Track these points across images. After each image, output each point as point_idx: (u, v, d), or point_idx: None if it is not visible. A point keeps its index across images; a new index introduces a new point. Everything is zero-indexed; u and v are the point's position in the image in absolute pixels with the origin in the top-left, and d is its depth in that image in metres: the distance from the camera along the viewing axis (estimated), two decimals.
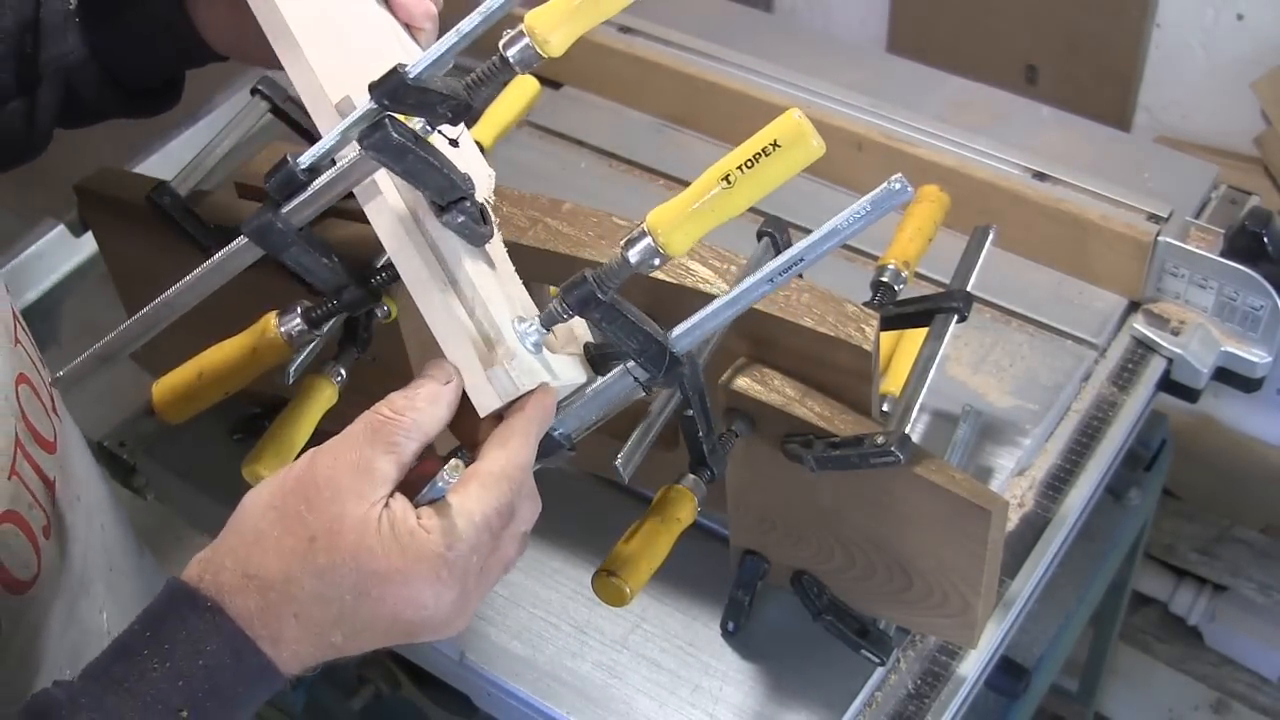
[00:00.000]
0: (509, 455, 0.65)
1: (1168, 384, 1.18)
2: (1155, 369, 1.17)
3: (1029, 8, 1.88)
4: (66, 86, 0.85)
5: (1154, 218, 1.21)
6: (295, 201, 0.70)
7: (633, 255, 0.66)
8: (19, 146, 0.88)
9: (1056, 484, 1.09)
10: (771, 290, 0.66)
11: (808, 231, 1.33)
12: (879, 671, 0.97)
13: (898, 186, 0.62)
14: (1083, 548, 1.20)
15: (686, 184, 1.41)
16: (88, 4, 0.84)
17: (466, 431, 0.69)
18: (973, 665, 0.98)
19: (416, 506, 0.63)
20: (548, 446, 0.71)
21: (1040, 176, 1.25)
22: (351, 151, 0.68)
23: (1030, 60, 1.93)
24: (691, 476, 0.84)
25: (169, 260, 0.97)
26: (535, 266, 0.88)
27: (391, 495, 0.62)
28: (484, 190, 0.81)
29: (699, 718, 0.96)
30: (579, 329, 0.76)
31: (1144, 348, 1.18)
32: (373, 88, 0.64)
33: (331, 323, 0.80)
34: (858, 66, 1.43)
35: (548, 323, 0.68)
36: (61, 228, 1.24)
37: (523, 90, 1.10)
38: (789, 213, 1.25)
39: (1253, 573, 1.78)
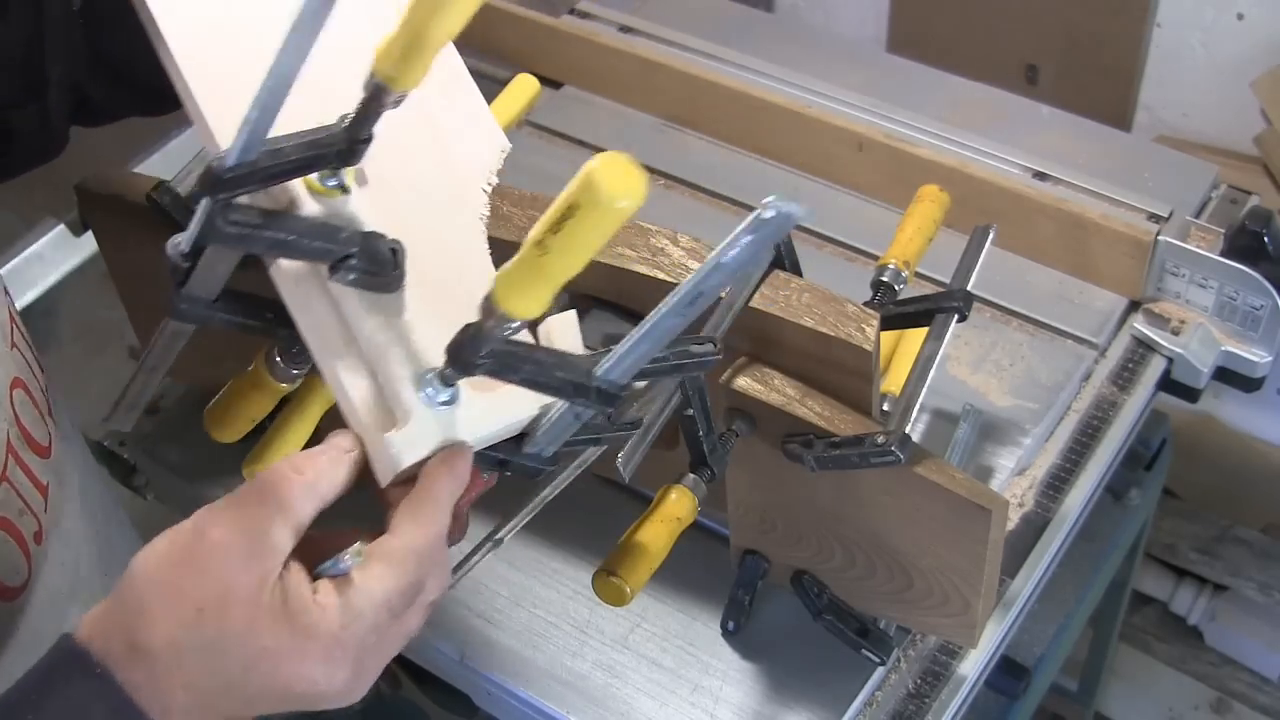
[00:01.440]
0: (418, 529, 0.62)
1: (1168, 384, 1.18)
2: (1155, 369, 1.17)
3: (1029, 8, 1.88)
4: (75, 89, 0.85)
5: (1154, 217, 1.21)
6: (190, 282, 0.66)
7: (489, 323, 0.61)
8: (35, 150, 0.87)
9: (1056, 484, 1.09)
10: (683, 324, 0.60)
11: (808, 231, 1.33)
12: (879, 671, 0.97)
13: (769, 214, 0.54)
14: (1083, 548, 1.20)
15: (686, 184, 1.41)
16: (91, 5, 0.84)
17: (383, 492, 0.66)
18: (973, 665, 0.98)
19: (315, 578, 0.61)
20: (527, 470, 0.69)
21: (1040, 176, 1.25)
22: None
23: (1030, 60, 1.93)
24: (691, 476, 0.84)
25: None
26: None
27: (285, 565, 0.60)
28: (491, 164, 0.78)
29: (699, 717, 0.96)
30: (561, 342, 0.72)
31: (1144, 347, 1.18)
32: (199, 181, 0.60)
33: None
34: (858, 66, 1.43)
35: (445, 381, 0.65)
36: (61, 228, 1.24)
37: (523, 90, 1.10)
38: None
39: (1253, 573, 1.78)
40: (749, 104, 1.33)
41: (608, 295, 0.84)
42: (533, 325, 0.71)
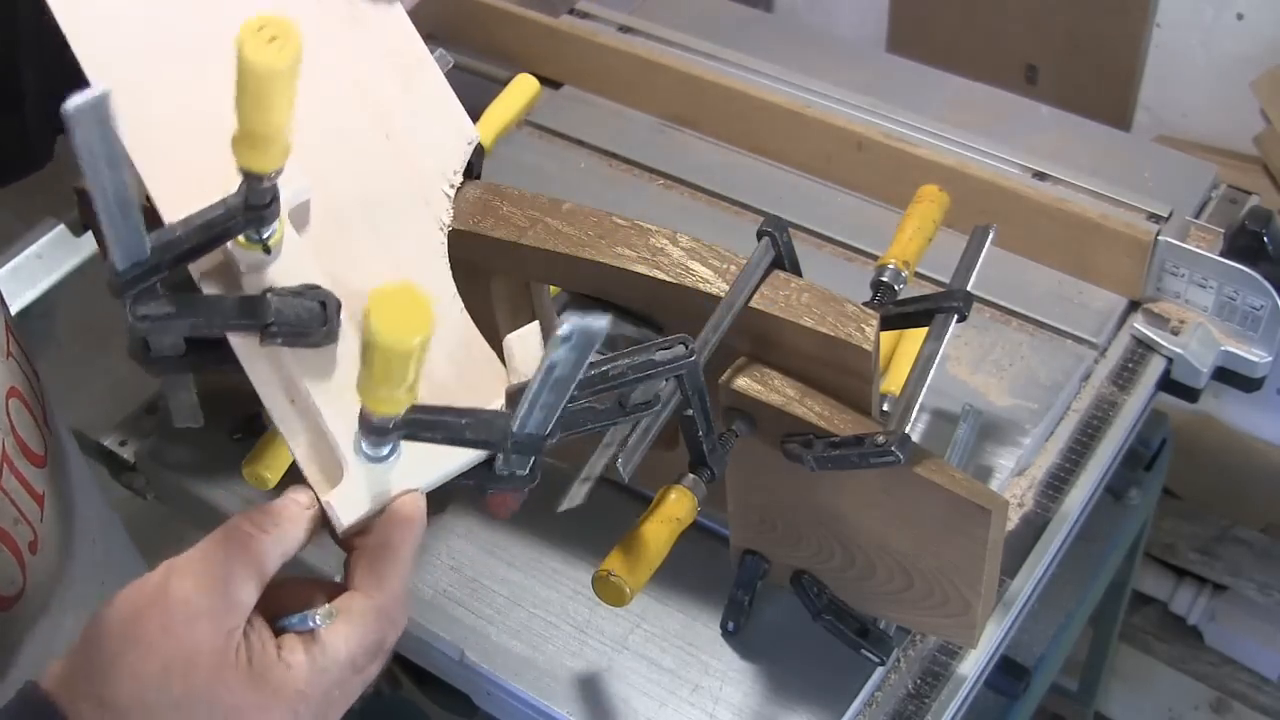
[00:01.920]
0: (380, 587, 0.63)
1: (1168, 383, 1.18)
2: (1155, 368, 1.17)
3: (1029, 8, 1.88)
4: (53, 101, 0.84)
5: (1154, 217, 1.21)
6: (154, 348, 0.65)
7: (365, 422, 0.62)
8: (16, 162, 0.87)
9: (1056, 484, 1.09)
10: (557, 405, 0.62)
11: (808, 231, 1.33)
12: (879, 671, 0.97)
13: (565, 338, 0.55)
14: (1083, 548, 1.20)
15: (687, 184, 1.41)
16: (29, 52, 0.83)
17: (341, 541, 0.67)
18: (973, 665, 0.98)
19: (277, 632, 0.61)
20: (509, 487, 0.69)
21: (1040, 176, 1.25)
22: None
23: (1030, 60, 1.93)
24: (691, 476, 0.83)
25: None
26: (535, 266, 0.88)
27: (250, 621, 0.60)
28: (454, 160, 0.76)
29: (699, 718, 0.96)
30: (523, 366, 0.72)
31: (1144, 347, 1.18)
32: (108, 285, 0.60)
33: None
34: (858, 66, 1.43)
35: (369, 439, 0.64)
36: (61, 228, 1.24)
37: (523, 90, 1.10)
38: (789, 212, 1.25)
39: (1253, 573, 1.78)
40: (749, 104, 1.33)
41: (608, 295, 0.84)
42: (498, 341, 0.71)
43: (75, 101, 0.50)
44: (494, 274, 0.93)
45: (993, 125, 1.34)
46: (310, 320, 0.64)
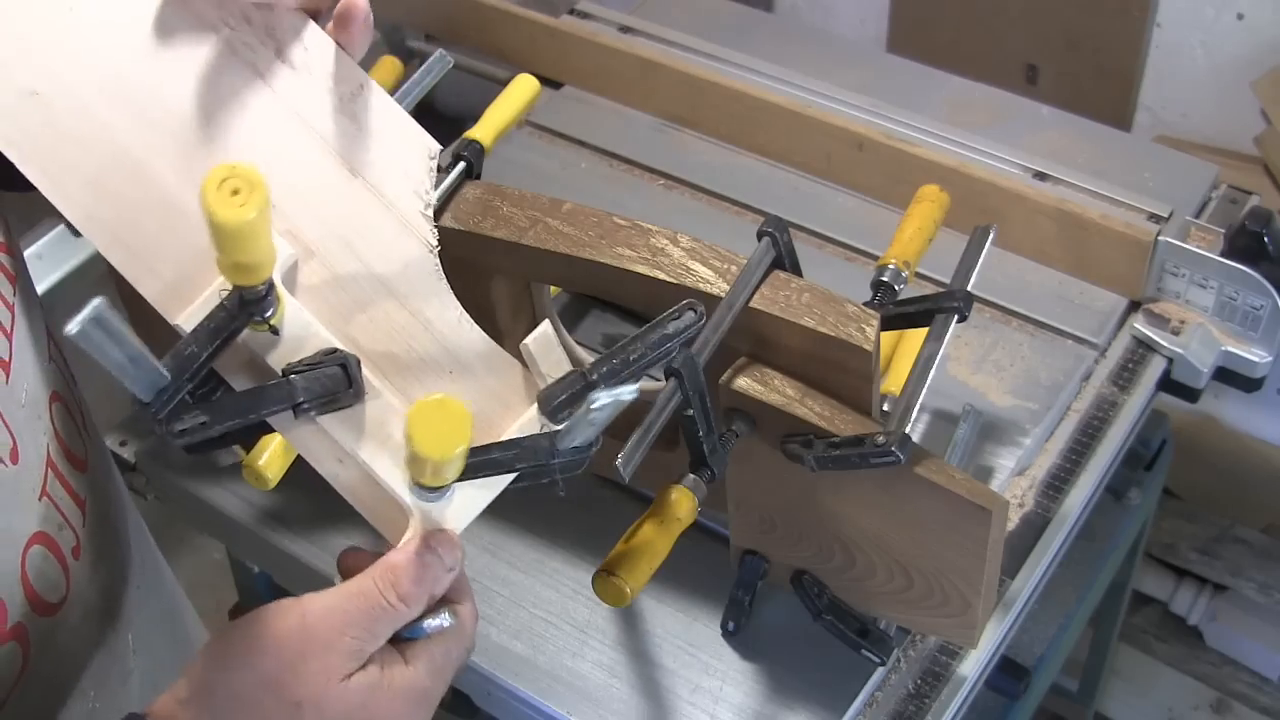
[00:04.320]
0: (467, 600, 0.69)
1: (1168, 384, 1.18)
2: (1155, 369, 1.17)
3: (1029, 8, 1.89)
4: None
5: (1154, 217, 1.21)
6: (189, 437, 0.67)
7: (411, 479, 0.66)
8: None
9: (1056, 484, 1.09)
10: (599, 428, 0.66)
11: (808, 231, 1.33)
12: (879, 671, 0.97)
13: (599, 405, 0.61)
14: (1083, 548, 1.20)
15: (686, 184, 1.41)
16: None
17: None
18: (973, 665, 0.98)
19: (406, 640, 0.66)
20: (559, 479, 0.71)
21: (1040, 176, 1.25)
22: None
23: (1030, 60, 1.93)
24: (691, 476, 0.83)
25: None
26: (535, 266, 0.88)
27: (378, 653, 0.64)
28: (422, 179, 0.75)
29: (699, 718, 0.96)
30: (545, 363, 0.73)
31: (1144, 347, 1.18)
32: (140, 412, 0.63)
33: None
34: (858, 66, 1.43)
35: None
36: (61, 228, 1.24)
37: (523, 90, 1.10)
38: (789, 212, 1.25)
39: (1253, 573, 1.78)
40: (749, 104, 1.33)
41: (608, 296, 0.84)
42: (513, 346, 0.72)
43: (76, 322, 0.55)
44: (494, 274, 0.93)
45: (993, 125, 1.34)
46: (335, 386, 0.66)
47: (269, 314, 0.65)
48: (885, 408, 0.90)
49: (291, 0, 0.70)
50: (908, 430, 0.81)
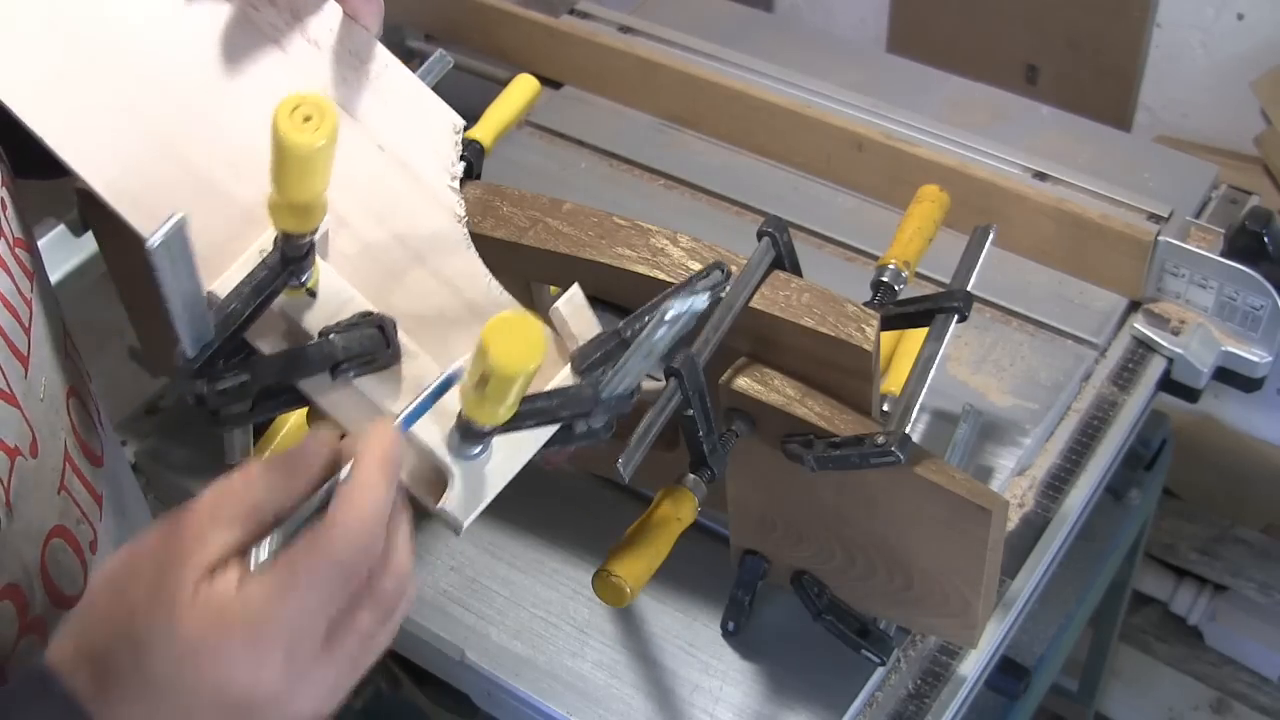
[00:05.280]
0: (350, 513, 0.58)
1: (1168, 384, 1.18)
2: (1155, 369, 1.17)
3: (1029, 8, 1.89)
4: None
5: (1154, 217, 1.21)
6: (222, 413, 0.67)
7: (469, 426, 0.65)
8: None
9: (1056, 484, 1.09)
10: (644, 369, 0.66)
11: (808, 231, 1.33)
12: (879, 671, 0.97)
13: (673, 312, 0.61)
14: (1083, 548, 1.20)
15: (686, 184, 1.41)
16: None
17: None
18: (973, 665, 0.98)
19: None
20: (591, 442, 0.71)
21: (1040, 176, 1.25)
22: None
23: (1030, 60, 1.93)
24: (691, 476, 0.83)
25: None
26: (535, 266, 0.88)
27: (221, 565, 0.57)
28: (449, 151, 0.77)
29: (699, 718, 0.96)
30: (576, 324, 0.74)
31: (1144, 347, 1.18)
32: (177, 373, 0.63)
33: None
34: (858, 66, 1.43)
35: (468, 443, 0.67)
36: (61, 228, 1.24)
37: (523, 90, 1.10)
38: (789, 212, 1.25)
39: (1253, 573, 1.78)
40: (749, 104, 1.33)
41: (608, 295, 0.84)
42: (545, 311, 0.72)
43: (159, 234, 0.54)
44: (494, 274, 0.93)
45: (993, 125, 1.34)
46: (374, 346, 0.66)
47: (305, 278, 0.66)
48: (885, 408, 0.90)
49: None
50: (908, 430, 0.81)
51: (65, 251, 1.25)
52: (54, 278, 1.23)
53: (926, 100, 1.37)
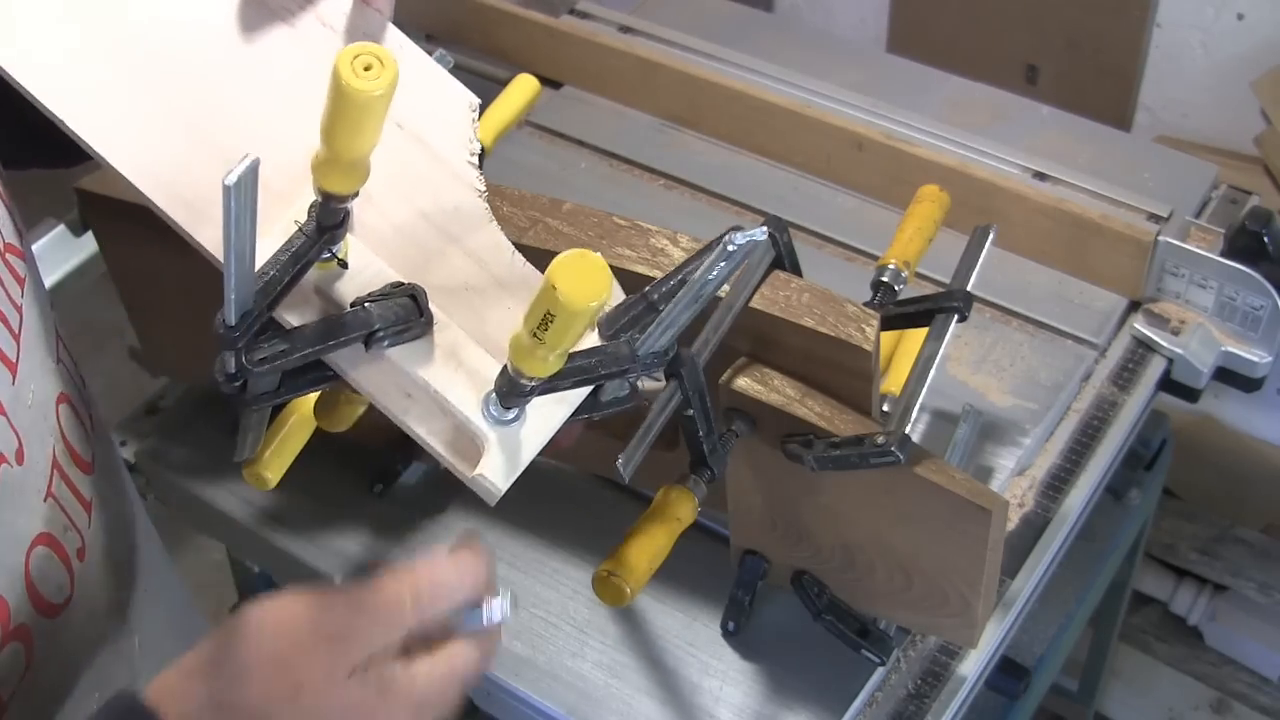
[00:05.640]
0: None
1: (1168, 384, 1.18)
2: (1155, 369, 1.17)
3: (1029, 8, 1.89)
4: None
5: (1154, 217, 1.21)
6: (249, 391, 0.68)
7: (517, 380, 0.65)
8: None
9: (1056, 484, 1.09)
10: (686, 320, 0.66)
11: (808, 231, 1.33)
12: (879, 671, 0.97)
13: (734, 247, 0.62)
14: (1083, 548, 1.20)
15: (686, 184, 1.41)
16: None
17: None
18: (973, 665, 0.98)
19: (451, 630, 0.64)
20: (615, 410, 0.72)
21: (1040, 176, 1.25)
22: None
23: (1030, 60, 1.93)
24: (691, 476, 0.83)
25: (169, 260, 0.97)
26: (535, 267, 0.88)
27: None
28: (466, 129, 0.77)
29: (699, 718, 0.96)
30: None
31: (1144, 347, 1.18)
32: (215, 339, 0.63)
33: None
34: (858, 66, 1.43)
35: (507, 404, 0.67)
36: (61, 228, 1.24)
37: (523, 90, 1.10)
38: (789, 212, 1.25)
39: (1253, 573, 1.78)
40: (749, 104, 1.33)
41: None
42: None
43: (234, 173, 0.54)
44: None
45: (993, 125, 1.34)
46: (407, 315, 0.67)
47: (337, 249, 0.66)
48: (885, 408, 0.90)
49: None
50: (908, 430, 0.81)
51: (65, 251, 1.25)
52: (54, 278, 1.24)
53: (926, 100, 1.37)
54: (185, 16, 0.71)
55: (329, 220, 0.64)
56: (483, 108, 1.05)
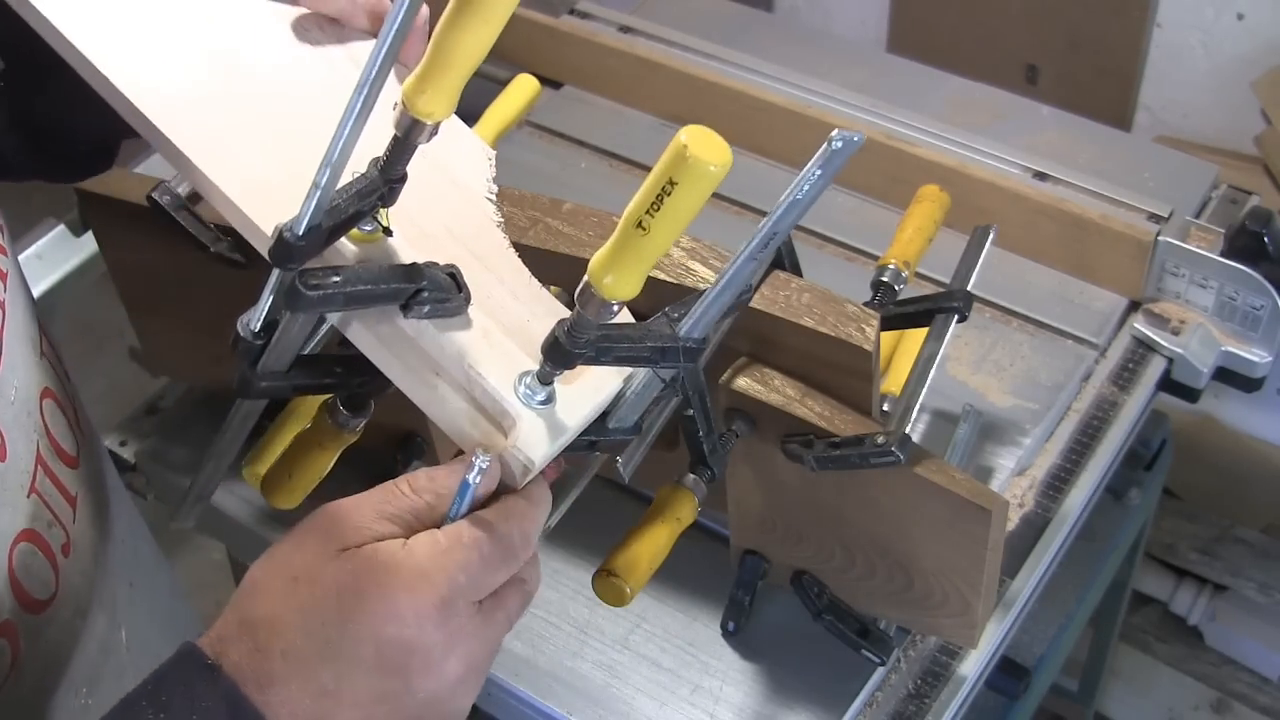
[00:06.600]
0: (521, 502, 0.65)
1: (1168, 384, 1.18)
2: (1155, 369, 1.17)
3: (1029, 8, 1.89)
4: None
5: (1154, 217, 1.21)
6: (264, 361, 0.68)
7: (590, 311, 0.64)
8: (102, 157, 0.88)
9: (1056, 484, 1.09)
10: (758, 269, 0.65)
11: (808, 231, 1.33)
12: (879, 671, 0.97)
13: (838, 144, 0.64)
14: (1083, 548, 1.20)
15: None
16: (16, 70, 0.81)
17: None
18: (973, 665, 0.98)
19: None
20: (614, 443, 0.72)
21: (1040, 176, 1.25)
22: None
23: (1030, 60, 1.93)
24: (691, 476, 0.83)
25: (169, 260, 0.97)
26: (535, 267, 0.87)
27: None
28: (486, 172, 0.79)
29: (699, 718, 0.96)
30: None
31: (1144, 347, 1.18)
32: (270, 255, 0.62)
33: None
34: (858, 66, 1.43)
35: (544, 379, 0.67)
36: (61, 228, 1.24)
37: (523, 90, 1.10)
38: None
39: (1253, 573, 1.78)
40: (749, 104, 1.33)
41: None
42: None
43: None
44: None
45: (993, 125, 1.34)
46: (450, 288, 0.67)
47: (387, 207, 0.67)
48: (885, 408, 0.90)
49: (362, 22, 0.78)
50: (908, 430, 0.81)
51: (65, 251, 1.25)
52: (54, 278, 1.24)
53: (926, 100, 1.37)
54: (280, 69, 0.76)
55: (397, 164, 0.64)
56: (483, 108, 1.06)
